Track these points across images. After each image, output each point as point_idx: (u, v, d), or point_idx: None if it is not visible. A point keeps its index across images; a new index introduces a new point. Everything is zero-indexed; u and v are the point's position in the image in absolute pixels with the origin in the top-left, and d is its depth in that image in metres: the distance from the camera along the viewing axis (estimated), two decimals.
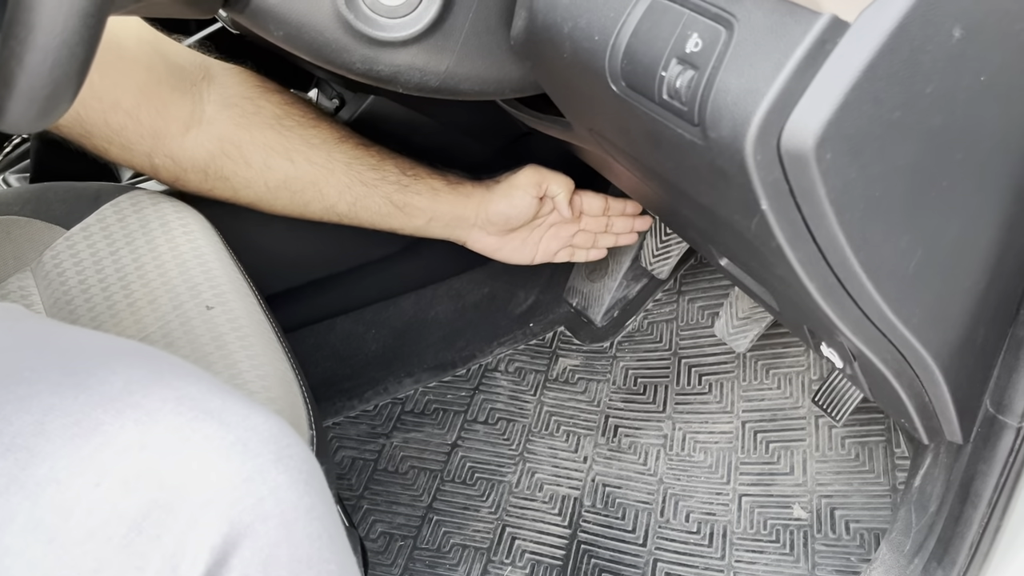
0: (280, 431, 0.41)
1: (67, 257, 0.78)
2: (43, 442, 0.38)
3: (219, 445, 0.39)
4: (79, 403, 0.39)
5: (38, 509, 0.36)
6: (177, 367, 0.44)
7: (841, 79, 0.37)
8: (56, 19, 0.36)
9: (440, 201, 0.84)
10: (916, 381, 0.53)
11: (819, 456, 0.96)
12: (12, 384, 0.40)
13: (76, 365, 0.41)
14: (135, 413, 0.39)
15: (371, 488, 1.00)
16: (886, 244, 0.43)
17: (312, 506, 0.41)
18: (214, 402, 0.41)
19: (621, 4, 0.45)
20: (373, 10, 0.53)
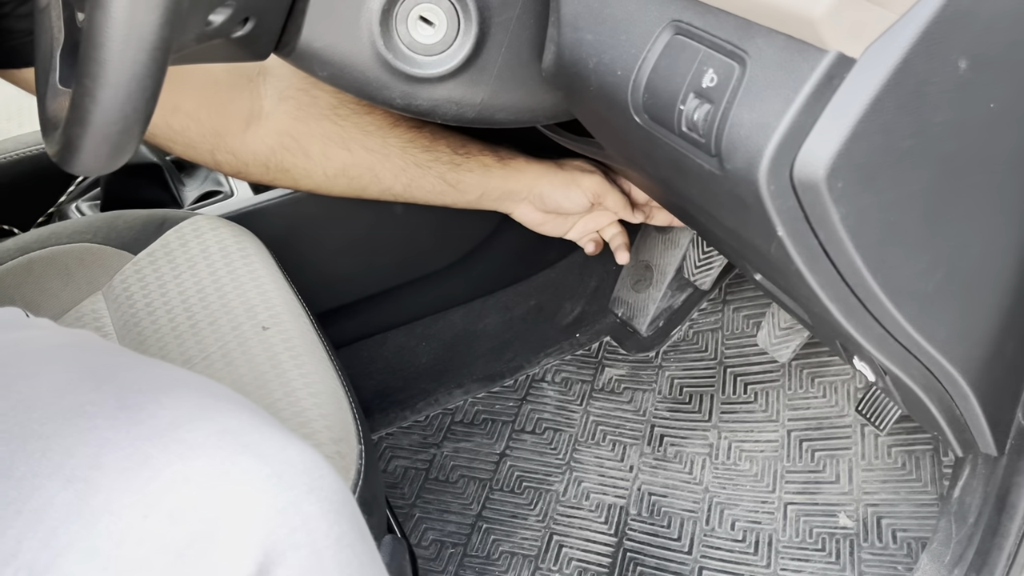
0: (313, 463, 0.44)
1: (135, 281, 0.83)
2: (99, 475, 0.41)
3: (255, 478, 0.42)
4: (131, 437, 0.43)
5: (94, 538, 0.40)
6: (221, 399, 0.47)
7: (849, 112, 0.39)
8: (126, 54, 0.40)
9: (492, 176, 0.84)
10: (946, 395, 0.54)
11: (865, 464, 0.96)
12: (75, 417, 0.44)
13: (130, 399, 0.45)
14: (180, 448, 0.42)
15: (423, 496, 1.04)
16: (905, 266, 0.44)
17: (342, 535, 0.44)
18: (253, 435, 0.44)
19: (642, 40, 0.47)
20: (411, 49, 0.56)
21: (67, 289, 0.84)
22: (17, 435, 0.45)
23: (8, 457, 0.44)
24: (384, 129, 0.80)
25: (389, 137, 0.80)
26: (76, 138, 0.43)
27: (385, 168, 0.81)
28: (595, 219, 0.93)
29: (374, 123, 0.79)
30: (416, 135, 0.81)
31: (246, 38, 0.52)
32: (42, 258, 0.85)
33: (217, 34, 0.49)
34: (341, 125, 0.78)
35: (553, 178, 0.86)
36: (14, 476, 0.43)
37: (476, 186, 0.85)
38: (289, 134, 0.77)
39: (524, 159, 0.87)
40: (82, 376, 0.49)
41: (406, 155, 0.81)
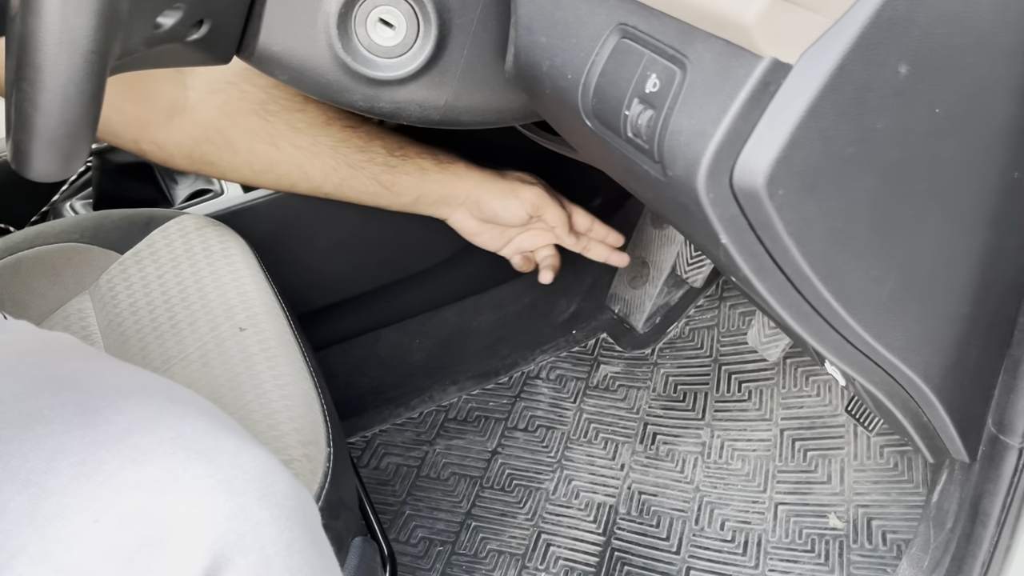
0: (267, 469, 0.45)
1: (120, 281, 0.84)
2: (52, 479, 0.42)
3: (206, 484, 0.42)
4: (86, 442, 0.43)
5: (46, 542, 0.40)
6: (179, 404, 0.48)
7: (786, 119, 0.38)
8: (59, 59, 0.40)
9: (428, 180, 0.84)
10: (911, 401, 0.53)
11: (857, 465, 0.95)
12: (33, 422, 0.45)
13: (88, 404, 0.46)
14: (132, 453, 0.43)
15: (413, 494, 1.04)
16: (855, 273, 0.44)
17: (293, 540, 0.44)
18: (206, 441, 0.44)
19: (590, 44, 0.46)
20: (371, 51, 0.56)
21: (54, 288, 0.85)
22: None
23: None
24: (315, 127, 0.78)
25: (320, 135, 0.79)
26: (23, 143, 0.43)
27: (315, 166, 0.80)
28: (531, 238, 0.92)
29: (305, 120, 0.78)
30: (350, 134, 0.80)
31: (203, 41, 0.52)
32: (29, 258, 0.85)
33: (170, 38, 0.49)
34: (270, 121, 0.77)
35: (492, 186, 0.86)
36: None
37: (412, 189, 0.84)
38: (215, 128, 0.76)
39: (464, 164, 0.86)
40: (45, 381, 0.50)
41: (337, 154, 0.80)
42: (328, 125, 0.79)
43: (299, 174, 0.80)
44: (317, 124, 0.78)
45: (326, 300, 1.05)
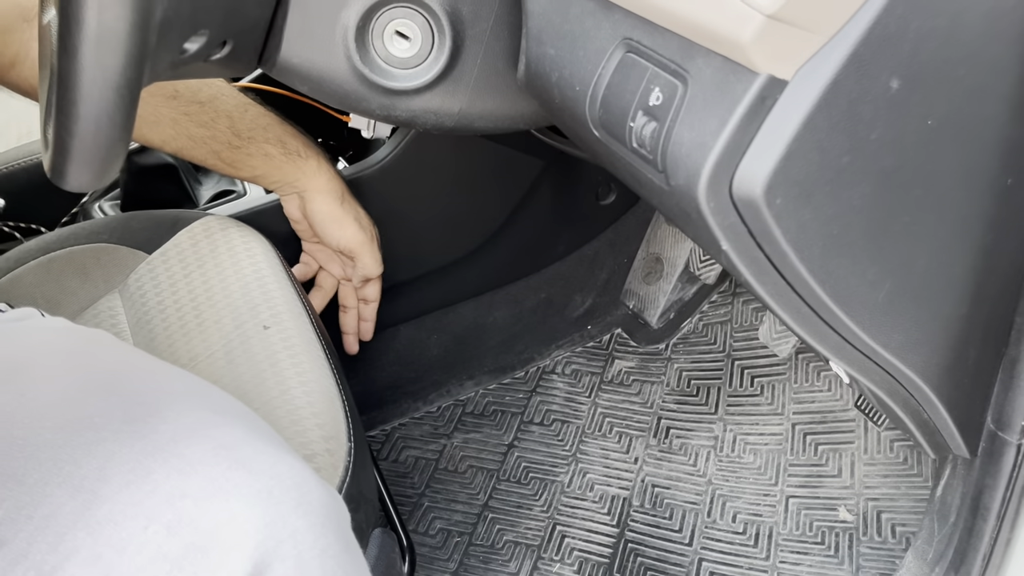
0: (302, 478, 0.47)
1: (148, 280, 0.86)
2: (104, 486, 0.45)
3: (246, 493, 0.45)
4: (135, 452, 0.46)
5: (98, 545, 0.43)
6: (219, 413, 0.51)
7: (783, 132, 0.40)
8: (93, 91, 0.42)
9: (270, 166, 0.87)
10: (911, 399, 0.55)
11: (867, 459, 0.96)
12: (83, 428, 0.48)
13: (135, 412, 0.49)
14: (178, 463, 0.46)
15: (432, 486, 1.06)
16: (852, 277, 0.45)
17: (327, 546, 0.47)
18: (246, 451, 0.47)
19: (597, 57, 0.48)
20: (388, 63, 0.58)
21: (85, 287, 0.88)
22: (31, 442, 0.49)
23: (23, 464, 0.48)
24: (158, 98, 0.81)
25: (162, 107, 0.81)
26: (60, 164, 0.46)
27: (153, 132, 0.83)
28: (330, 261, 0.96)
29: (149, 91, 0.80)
30: (196, 110, 0.82)
31: (226, 58, 0.54)
32: (61, 257, 0.88)
33: (194, 59, 0.51)
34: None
35: (328, 200, 0.89)
36: (26, 483, 0.47)
37: (252, 169, 0.87)
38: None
39: (317, 161, 0.88)
40: (91, 385, 0.53)
41: (178, 126, 0.83)
42: (173, 99, 0.81)
43: (138, 133, 0.83)
44: (161, 96, 0.81)
45: None
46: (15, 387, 0.53)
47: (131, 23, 0.40)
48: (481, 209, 1.14)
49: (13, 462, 0.48)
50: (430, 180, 1.08)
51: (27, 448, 0.48)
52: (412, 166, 1.05)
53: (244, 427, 0.50)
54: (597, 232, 1.24)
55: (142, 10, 0.41)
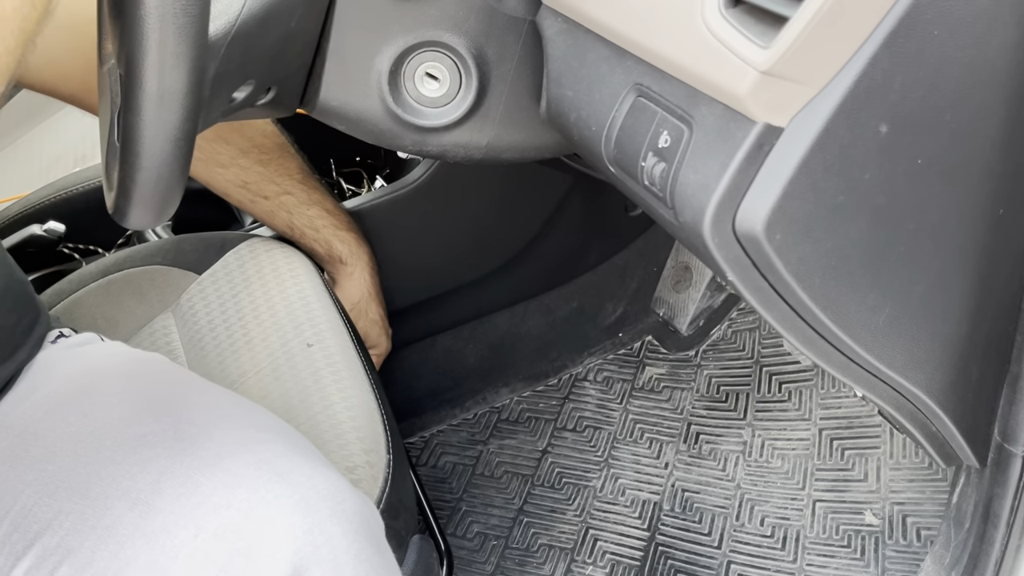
0: (337, 488, 0.52)
1: (199, 300, 0.92)
2: (158, 499, 0.50)
3: (286, 504, 0.50)
4: (185, 467, 0.51)
5: (154, 552, 0.48)
6: (261, 430, 0.56)
7: (780, 174, 0.43)
8: (155, 144, 0.47)
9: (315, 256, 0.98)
10: (918, 413, 0.57)
11: (893, 463, 0.99)
12: (139, 446, 0.53)
13: (186, 431, 0.54)
14: (225, 477, 0.51)
15: (469, 491, 1.11)
16: (853, 303, 0.48)
17: (360, 551, 0.51)
18: (285, 465, 0.52)
19: (611, 100, 0.52)
20: (419, 102, 0.62)
21: (141, 307, 0.94)
22: (93, 459, 0.54)
23: (86, 479, 0.53)
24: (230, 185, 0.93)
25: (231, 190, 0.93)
26: (123, 206, 0.51)
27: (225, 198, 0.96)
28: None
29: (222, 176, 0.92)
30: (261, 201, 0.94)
31: (270, 103, 0.59)
32: (119, 279, 0.94)
33: (243, 105, 0.56)
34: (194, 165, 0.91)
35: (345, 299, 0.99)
36: (89, 496, 0.52)
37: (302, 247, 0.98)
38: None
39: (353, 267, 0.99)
40: (145, 407, 0.58)
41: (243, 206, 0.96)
42: (242, 188, 0.92)
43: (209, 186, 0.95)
44: (233, 184, 0.92)
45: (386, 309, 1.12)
46: (81, 408, 0.58)
47: (188, 84, 0.45)
48: (513, 223, 1.18)
49: (77, 477, 0.53)
50: (464, 196, 1.12)
51: (90, 464, 0.54)
52: (447, 183, 1.09)
53: (284, 442, 0.55)
54: (627, 242, 1.27)
55: (197, 70, 0.45)
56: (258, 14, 0.50)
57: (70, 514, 0.52)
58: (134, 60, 0.43)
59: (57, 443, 0.57)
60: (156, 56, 0.43)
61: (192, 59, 0.44)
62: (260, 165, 0.93)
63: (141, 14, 0.42)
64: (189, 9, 0.42)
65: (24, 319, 0.68)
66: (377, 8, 0.58)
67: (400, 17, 0.58)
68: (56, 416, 0.59)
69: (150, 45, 0.43)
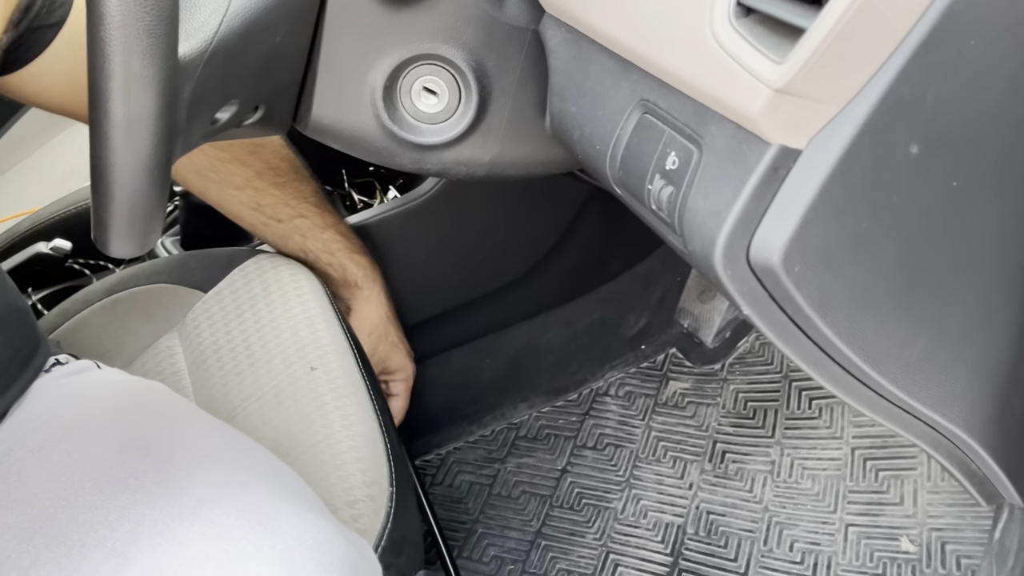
0: (324, 536, 0.49)
1: (204, 319, 0.89)
2: (135, 549, 0.47)
3: (268, 555, 0.47)
4: (164, 514, 0.48)
5: None
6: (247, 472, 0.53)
7: (798, 201, 0.39)
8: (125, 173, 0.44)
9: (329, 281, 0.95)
10: (956, 450, 0.53)
11: (931, 487, 0.93)
12: (118, 490, 0.50)
13: (167, 473, 0.51)
14: (204, 526, 0.48)
15: (485, 512, 1.07)
16: (882, 337, 0.44)
17: None
18: (269, 512, 0.49)
19: (616, 117, 0.48)
20: (416, 119, 0.59)
21: (147, 327, 0.92)
22: (72, 503, 0.52)
23: (64, 524, 0.51)
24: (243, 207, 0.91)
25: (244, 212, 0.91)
26: (101, 237, 0.48)
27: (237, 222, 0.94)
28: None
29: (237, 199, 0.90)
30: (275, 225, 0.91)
31: (259, 122, 0.56)
32: (124, 299, 0.92)
33: (227, 126, 0.53)
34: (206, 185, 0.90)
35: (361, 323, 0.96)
36: (66, 544, 0.50)
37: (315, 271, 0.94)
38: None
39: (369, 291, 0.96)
40: (131, 446, 0.56)
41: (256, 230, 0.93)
42: (255, 210, 0.90)
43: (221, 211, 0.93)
44: (246, 206, 0.90)
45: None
46: (65, 447, 0.56)
47: (157, 108, 0.42)
48: (531, 232, 1.15)
49: (56, 523, 0.50)
50: (479, 206, 1.09)
51: (68, 509, 0.51)
52: (461, 193, 1.06)
53: (271, 485, 0.52)
54: (650, 250, 1.23)
55: (167, 94, 0.42)
56: (238, 31, 0.47)
57: (47, 563, 0.50)
58: (97, 84, 0.41)
59: (38, 485, 0.54)
60: (121, 79, 0.40)
61: (160, 82, 0.41)
62: (275, 188, 0.91)
63: (102, 36, 0.39)
64: (154, 29, 0.39)
65: (22, 352, 0.66)
66: (368, 21, 0.55)
67: (393, 30, 0.55)
68: (40, 454, 0.57)
69: (113, 68, 0.40)
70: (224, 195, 0.90)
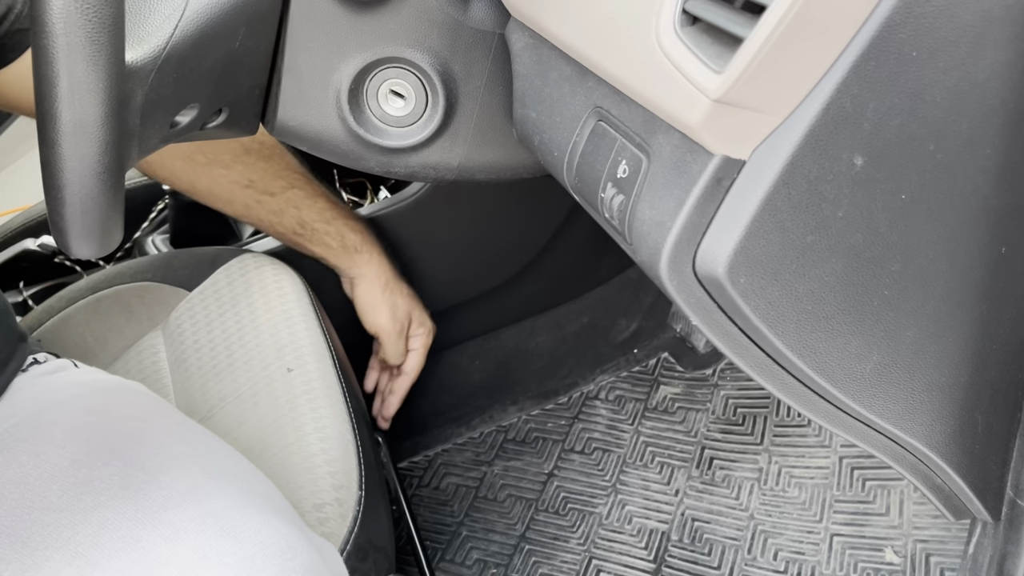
0: (287, 543, 0.49)
1: (187, 318, 0.90)
2: (96, 553, 0.47)
3: (230, 560, 0.47)
4: (126, 518, 0.48)
5: None
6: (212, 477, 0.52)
7: (742, 212, 0.38)
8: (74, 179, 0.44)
9: (329, 254, 0.94)
10: (920, 464, 0.52)
11: (917, 497, 0.92)
12: (83, 493, 0.50)
13: (133, 477, 0.51)
14: (166, 531, 0.48)
15: (471, 515, 1.07)
16: (834, 350, 0.43)
17: None
18: (232, 518, 0.49)
19: (572, 124, 0.48)
20: (383, 121, 0.59)
21: (130, 325, 0.92)
22: (38, 505, 0.52)
23: (28, 526, 0.51)
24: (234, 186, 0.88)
25: (236, 191, 0.88)
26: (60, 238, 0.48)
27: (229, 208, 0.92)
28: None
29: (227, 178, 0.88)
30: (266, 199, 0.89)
31: (223, 124, 0.56)
32: (108, 296, 0.93)
33: (189, 129, 0.53)
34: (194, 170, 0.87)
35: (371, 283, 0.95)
36: (30, 546, 0.50)
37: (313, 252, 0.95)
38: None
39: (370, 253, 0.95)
40: (98, 448, 0.56)
41: (250, 210, 0.90)
42: (247, 187, 0.88)
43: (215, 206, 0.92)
44: (237, 184, 0.88)
45: None
46: (34, 448, 0.56)
47: (103, 114, 0.42)
48: (520, 235, 1.14)
49: (21, 524, 0.51)
50: (469, 208, 1.09)
51: (34, 511, 0.51)
52: (451, 195, 1.05)
53: (236, 491, 0.52)
54: None
55: (113, 100, 0.42)
56: (193, 37, 0.47)
57: (11, 563, 0.50)
58: (42, 91, 0.41)
59: (7, 485, 0.54)
60: (66, 86, 0.40)
61: (105, 88, 0.41)
62: (263, 161, 0.89)
63: (44, 43, 0.39)
64: (96, 37, 0.39)
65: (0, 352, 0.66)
66: (331, 23, 0.54)
67: (356, 32, 0.55)
68: (9, 455, 0.57)
69: (57, 75, 0.40)
70: (213, 176, 0.88)
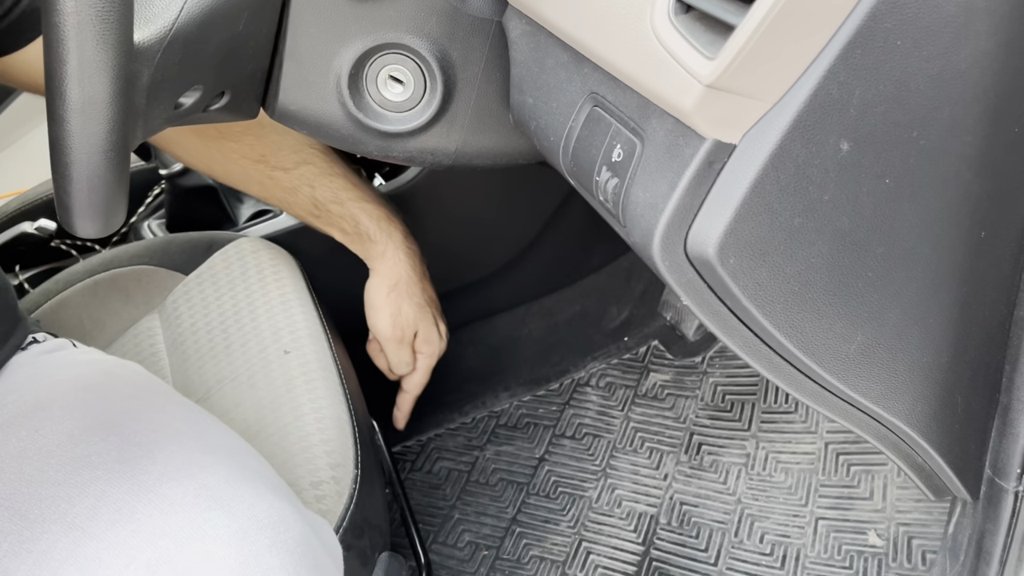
0: (280, 517, 0.50)
1: (183, 302, 0.91)
2: (93, 524, 0.48)
3: (223, 533, 0.48)
4: (123, 491, 0.49)
5: None
6: (207, 453, 0.54)
7: (732, 195, 0.40)
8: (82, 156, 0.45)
9: (343, 238, 0.90)
10: (902, 443, 0.54)
11: (900, 482, 0.94)
12: (81, 467, 0.51)
13: (129, 452, 0.52)
14: (162, 503, 0.49)
15: (463, 499, 1.09)
16: (820, 331, 0.45)
17: None
18: (227, 492, 0.50)
19: (568, 109, 0.49)
20: (382, 107, 0.60)
21: (127, 308, 0.93)
22: (37, 479, 0.53)
23: (27, 499, 0.52)
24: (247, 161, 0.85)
25: (250, 168, 0.85)
26: (65, 216, 0.49)
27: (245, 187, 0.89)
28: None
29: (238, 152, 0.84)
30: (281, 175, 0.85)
31: (225, 107, 0.57)
32: (105, 280, 0.93)
33: (192, 111, 0.54)
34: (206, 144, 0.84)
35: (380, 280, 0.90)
36: (28, 518, 0.51)
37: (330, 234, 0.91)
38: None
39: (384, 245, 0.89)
40: (96, 424, 0.57)
41: (265, 188, 0.87)
42: (260, 163, 0.84)
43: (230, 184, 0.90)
44: (249, 159, 0.84)
45: None
46: (33, 423, 0.57)
47: (111, 92, 0.43)
48: (513, 223, 1.15)
49: (19, 497, 0.52)
50: (463, 195, 1.10)
51: (32, 485, 0.52)
52: (445, 182, 1.06)
53: (230, 467, 0.53)
54: None
55: (121, 79, 0.43)
56: (198, 18, 0.48)
57: (9, 535, 0.51)
58: (52, 69, 0.42)
59: (5, 460, 0.55)
60: (75, 64, 0.41)
61: (114, 67, 0.42)
62: (276, 133, 0.84)
63: (56, 21, 0.40)
64: (106, 16, 0.40)
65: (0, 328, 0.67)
66: (333, 9, 0.55)
67: (357, 19, 0.56)
68: (8, 430, 0.58)
69: (67, 52, 0.41)
70: (226, 153, 0.84)
